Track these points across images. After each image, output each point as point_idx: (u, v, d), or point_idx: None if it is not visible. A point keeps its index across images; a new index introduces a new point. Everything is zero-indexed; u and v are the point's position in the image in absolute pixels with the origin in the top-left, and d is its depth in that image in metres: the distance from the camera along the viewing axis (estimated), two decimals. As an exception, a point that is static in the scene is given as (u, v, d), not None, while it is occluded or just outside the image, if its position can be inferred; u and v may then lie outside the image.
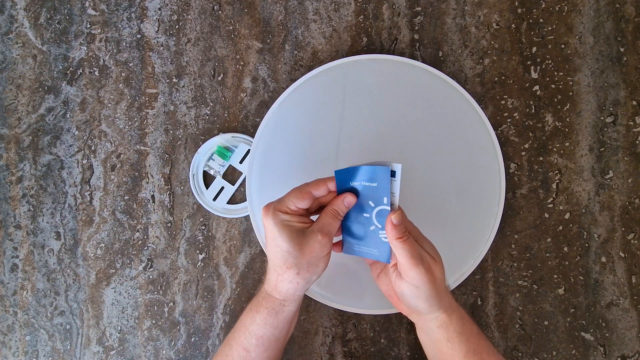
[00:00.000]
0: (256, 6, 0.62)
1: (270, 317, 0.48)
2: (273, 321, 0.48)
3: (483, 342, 0.46)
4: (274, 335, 0.48)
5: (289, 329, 0.50)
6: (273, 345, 0.49)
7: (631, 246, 0.59)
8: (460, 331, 0.45)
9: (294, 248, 0.44)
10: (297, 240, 0.44)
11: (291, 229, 0.44)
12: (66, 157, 0.62)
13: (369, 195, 0.45)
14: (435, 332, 0.46)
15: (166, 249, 0.61)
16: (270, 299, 0.48)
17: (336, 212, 0.46)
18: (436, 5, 0.61)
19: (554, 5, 0.61)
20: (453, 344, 0.45)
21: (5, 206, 0.62)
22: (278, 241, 0.44)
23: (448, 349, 0.45)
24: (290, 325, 0.51)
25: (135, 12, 0.62)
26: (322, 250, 0.45)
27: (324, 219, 0.46)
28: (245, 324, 0.49)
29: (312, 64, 0.61)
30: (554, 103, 0.60)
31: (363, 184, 0.45)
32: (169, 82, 0.62)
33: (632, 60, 0.60)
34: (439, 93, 0.58)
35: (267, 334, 0.48)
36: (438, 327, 0.45)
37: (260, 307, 0.48)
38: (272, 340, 0.48)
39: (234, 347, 0.49)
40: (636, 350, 0.58)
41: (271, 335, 0.48)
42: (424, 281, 0.43)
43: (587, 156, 0.60)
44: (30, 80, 0.62)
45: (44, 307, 0.61)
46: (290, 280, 0.46)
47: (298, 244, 0.44)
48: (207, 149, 0.60)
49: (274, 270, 0.46)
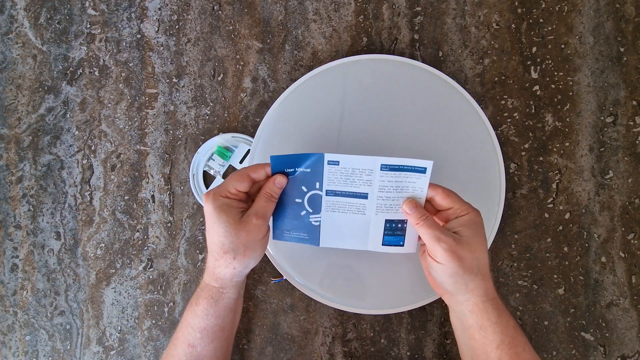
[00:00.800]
0: (256, 6, 0.62)
1: (210, 306, 0.48)
2: (214, 310, 0.48)
3: (520, 337, 0.46)
4: (218, 324, 0.49)
5: (233, 317, 0.51)
6: (218, 336, 0.49)
7: (631, 246, 0.59)
8: (495, 321, 0.45)
9: (231, 232, 0.45)
10: (234, 224, 0.45)
11: (229, 213, 0.45)
12: (66, 157, 0.62)
13: (302, 181, 0.48)
14: (467, 318, 0.46)
15: (166, 249, 0.61)
16: (208, 288, 0.48)
17: (269, 194, 0.47)
18: (436, 5, 0.61)
19: (554, 5, 0.61)
20: (486, 333, 0.45)
21: (5, 206, 0.62)
22: (216, 226, 0.45)
23: (480, 337, 0.45)
24: (235, 314, 0.51)
25: (135, 12, 0.62)
26: (258, 233, 0.46)
27: (258, 202, 0.47)
28: (187, 319, 0.49)
29: (312, 64, 0.61)
30: (554, 103, 0.60)
31: (298, 169, 0.47)
32: (169, 82, 0.62)
33: (632, 60, 0.60)
34: (439, 93, 0.58)
35: (210, 325, 0.48)
36: (470, 311, 0.45)
37: (200, 298, 0.49)
38: (217, 331, 0.49)
39: (179, 346, 0.49)
40: (636, 350, 0.58)
41: (214, 325, 0.48)
42: (446, 258, 0.43)
43: (587, 156, 0.60)
44: (30, 80, 0.62)
45: (44, 307, 0.61)
46: (227, 264, 0.46)
47: (234, 228, 0.45)
48: (207, 149, 0.60)
49: (211, 256, 0.47)
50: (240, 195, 0.47)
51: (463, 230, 0.45)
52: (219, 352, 0.50)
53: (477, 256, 0.45)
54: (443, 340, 0.59)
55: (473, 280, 0.44)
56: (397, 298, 0.57)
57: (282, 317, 0.60)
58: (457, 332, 0.50)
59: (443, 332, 0.59)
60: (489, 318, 0.45)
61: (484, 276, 0.45)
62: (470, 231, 0.45)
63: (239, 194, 0.47)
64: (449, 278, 0.45)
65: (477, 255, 0.45)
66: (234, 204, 0.46)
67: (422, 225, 0.45)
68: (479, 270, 0.45)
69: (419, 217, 0.46)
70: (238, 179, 0.47)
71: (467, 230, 0.45)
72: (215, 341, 0.49)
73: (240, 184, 0.47)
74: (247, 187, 0.47)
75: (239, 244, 0.46)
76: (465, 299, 0.45)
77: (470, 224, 0.46)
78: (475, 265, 0.44)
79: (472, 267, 0.44)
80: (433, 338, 0.59)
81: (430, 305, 0.59)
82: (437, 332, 0.59)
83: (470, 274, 0.44)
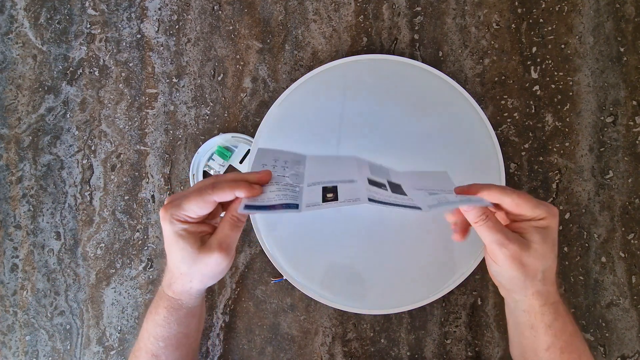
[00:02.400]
0: (256, 6, 0.62)
1: (170, 315, 0.46)
2: (176, 318, 0.46)
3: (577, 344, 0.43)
4: (181, 332, 0.47)
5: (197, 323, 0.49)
6: (183, 343, 0.47)
7: (631, 246, 0.59)
8: (549, 324, 0.42)
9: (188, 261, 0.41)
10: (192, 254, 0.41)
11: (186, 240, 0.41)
12: (66, 157, 0.62)
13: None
14: (520, 315, 0.44)
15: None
16: (166, 298, 0.46)
17: (235, 219, 0.42)
18: (436, 5, 0.61)
19: (554, 5, 0.61)
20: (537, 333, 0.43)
21: (5, 206, 0.62)
22: (173, 249, 0.42)
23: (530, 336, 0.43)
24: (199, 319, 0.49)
25: (135, 12, 0.62)
26: (218, 267, 0.42)
27: (223, 230, 0.42)
28: (148, 329, 0.47)
29: (312, 64, 0.61)
30: (554, 103, 0.60)
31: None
32: (169, 82, 0.62)
33: (632, 60, 0.60)
34: (439, 93, 0.58)
35: (173, 333, 0.46)
36: (524, 310, 0.43)
37: (159, 307, 0.46)
38: (181, 338, 0.47)
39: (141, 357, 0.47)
40: (636, 351, 0.58)
41: (178, 332, 0.46)
42: (507, 264, 0.40)
43: (587, 156, 0.60)
44: (30, 80, 0.62)
45: (44, 307, 0.61)
46: (183, 284, 0.44)
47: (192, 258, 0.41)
48: (207, 149, 0.60)
49: (169, 271, 0.44)
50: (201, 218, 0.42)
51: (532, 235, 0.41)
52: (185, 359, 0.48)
53: (542, 263, 0.41)
54: (443, 340, 0.59)
55: (534, 285, 0.41)
56: (397, 298, 0.57)
57: (282, 317, 0.60)
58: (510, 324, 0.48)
59: (443, 332, 0.59)
60: (543, 320, 0.42)
61: (548, 281, 0.42)
62: (540, 236, 0.41)
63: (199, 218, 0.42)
64: (508, 280, 0.42)
65: (541, 262, 0.41)
66: (192, 228, 0.41)
67: (483, 226, 0.40)
68: (544, 277, 0.41)
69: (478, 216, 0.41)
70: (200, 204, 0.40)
71: (536, 235, 0.41)
72: (180, 348, 0.47)
73: (202, 209, 0.41)
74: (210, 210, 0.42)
75: (196, 272, 0.42)
76: (521, 299, 0.43)
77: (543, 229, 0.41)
78: (539, 272, 0.41)
79: (535, 274, 0.41)
80: (433, 338, 0.59)
81: (430, 305, 0.59)
82: (437, 332, 0.59)
83: (533, 280, 0.41)
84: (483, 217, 0.41)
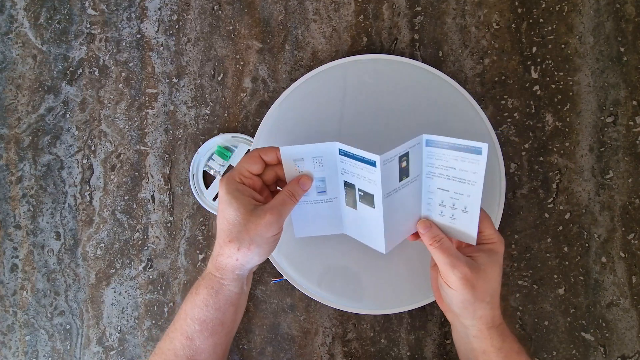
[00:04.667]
0: (256, 6, 0.62)
1: (210, 297, 0.46)
2: (214, 302, 0.46)
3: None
4: (218, 318, 0.46)
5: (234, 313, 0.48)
6: (218, 330, 0.47)
7: (631, 246, 0.59)
8: (499, 347, 0.44)
9: (239, 221, 0.43)
10: (244, 213, 0.43)
11: (240, 200, 0.43)
12: (66, 157, 0.62)
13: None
14: (471, 341, 0.45)
15: (166, 249, 0.61)
16: (209, 277, 0.46)
17: (290, 193, 0.45)
18: (436, 5, 0.61)
19: (554, 5, 0.61)
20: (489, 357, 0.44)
21: (5, 206, 0.62)
22: (226, 212, 0.43)
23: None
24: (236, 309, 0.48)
25: (135, 12, 0.62)
26: (267, 231, 0.43)
27: (277, 199, 0.44)
28: (186, 310, 0.47)
29: (312, 64, 0.61)
30: (554, 103, 0.60)
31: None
32: (169, 82, 0.62)
33: (632, 60, 0.60)
34: (439, 93, 0.58)
35: (209, 317, 0.46)
36: (474, 336, 0.45)
37: (200, 287, 0.47)
38: (217, 324, 0.46)
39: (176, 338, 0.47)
40: (636, 351, 0.58)
41: (214, 318, 0.46)
42: (459, 286, 0.42)
43: (587, 156, 0.60)
44: (30, 80, 0.62)
45: (44, 307, 0.61)
46: (229, 254, 0.44)
47: (243, 218, 0.43)
48: (207, 149, 0.60)
49: (217, 243, 0.45)
50: (255, 182, 0.45)
51: (481, 257, 0.43)
52: (219, 349, 0.48)
53: (490, 286, 0.43)
54: (443, 340, 0.59)
55: (482, 309, 0.43)
56: (397, 298, 0.57)
57: (282, 317, 0.60)
58: (460, 351, 0.49)
59: (443, 332, 0.59)
60: (493, 344, 0.44)
61: (494, 304, 0.44)
62: (488, 259, 0.44)
63: (253, 179, 0.45)
64: (459, 304, 0.44)
65: (490, 285, 0.43)
66: (247, 191, 0.44)
67: (437, 248, 0.43)
68: (491, 299, 0.44)
69: (433, 238, 0.44)
70: (249, 160, 0.45)
71: (484, 258, 0.43)
72: (215, 336, 0.47)
73: (252, 165, 0.45)
74: (260, 169, 0.45)
75: (244, 236, 0.43)
76: (472, 324, 0.45)
77: (491, 253, 0.44)
78: (488, 295, 0.43)
79: (484, 296, 0.43)
80: (433, 338, 0.59)
81: (430, 305, 0.59)
82: (437, 332, 0.59)
83: (482, 303, 0.43)
84: (437, 239, 0.44)
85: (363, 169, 0.43)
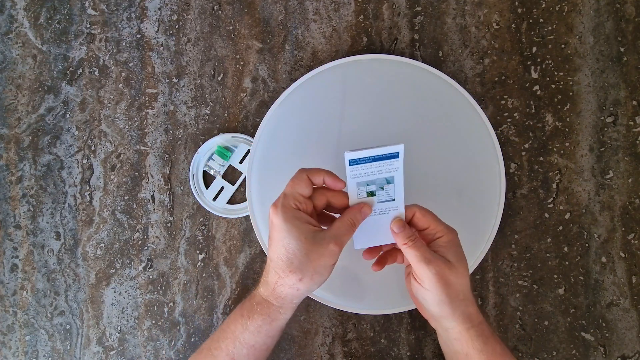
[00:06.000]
0: (256, 6, 0.62)
1: (265, 324, 0.45)
2: (268, 329, 0.45)
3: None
4: (266, 344, 0.46)
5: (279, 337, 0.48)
6: (263, 355, 0.46)
7: (631, 246, 0.59)
8: (480, 349, 0.44)
9: (301, 250, 0.41)
10: (306, 244, 0.41)
11: (300, 229, 0.41)
12: (66, 157, 0.62)
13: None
14: (453, 344, 0.45)
15: (166, 249, 0.61)
16: (265, 305, 0.45)
17: (352, 222, 0.44)
18: (436, 5, 0.61)
19: (554, 5, 0.61)
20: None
21: (5, 206, 0.62)
22: (286, 241, 0.41)
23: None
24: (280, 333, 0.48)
25: (135, 12, 0.62)
26: (331, 260, 0.43)
27: (340, 228, 0.43)
28: (235, 331, 0.46)
29: (312, 64, 0.61)
30: (554, 103, 0.60)
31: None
32: (169, 82, 0.62)
33: (632, 60, 0.60)
34: (439, 93, 0.58)
35: (259, 343, 0.45)
36: (455, 339, 0.45)
37: (254, 313, 0.45)
38: (263, 350, 0.46)
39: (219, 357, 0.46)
40: (636, 351, 0.58)
41: (263, 344, 0.45)
42: (433, 284, 0.42)
43: (587, 156, 0.60)
44: (30, 80, 0.62)
45: (44, 307, 0.61)
46: (291, 285, 0.43)
47: (306, 248, 0.41)
48: (207, 149, 0.60)
49: (274, 272, 0.43)
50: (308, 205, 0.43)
51: (447, 253, 0.43)
52: None
53: (462, 282, 0.43)
54: (443, 341, 0.59)
55: (459, 308, 0.43)
56: (397, 298, 0.57)
57: (282, 317, 0.60)
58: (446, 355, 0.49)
59: (443, 332, 0.59)
60: (474, 346, 0.44)
61: (469, 302, 0.44)
62: (454, 254, 0.44)
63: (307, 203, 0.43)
64: (435, 306, 0.43)
65: (462, 281, 0.43)
66: (304, 217, 0.42)
67: (411, 247, 0.43)
68: (465, 296, 0.44)
69: (407, 237, 0.43)
70: (301, 184, 0.43)
71: (450, 253, 0.43)
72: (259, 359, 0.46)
73: (304, 189, 0.43)
74: (310, 192, 0.44)
75: (308, 267, 0.42)
76: (451, 326, 0.44)
77: (451, 245, 0.44)
78: (461, 291, 0.43)
79: (458, 294, 0.43)
80: (433, 338, 0.59)
81: (430, 305, 0.59)
82: (437, 332, 0.59)
83: (457, 301, 0.43)
84: (412, 238, 0.43)
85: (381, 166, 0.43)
